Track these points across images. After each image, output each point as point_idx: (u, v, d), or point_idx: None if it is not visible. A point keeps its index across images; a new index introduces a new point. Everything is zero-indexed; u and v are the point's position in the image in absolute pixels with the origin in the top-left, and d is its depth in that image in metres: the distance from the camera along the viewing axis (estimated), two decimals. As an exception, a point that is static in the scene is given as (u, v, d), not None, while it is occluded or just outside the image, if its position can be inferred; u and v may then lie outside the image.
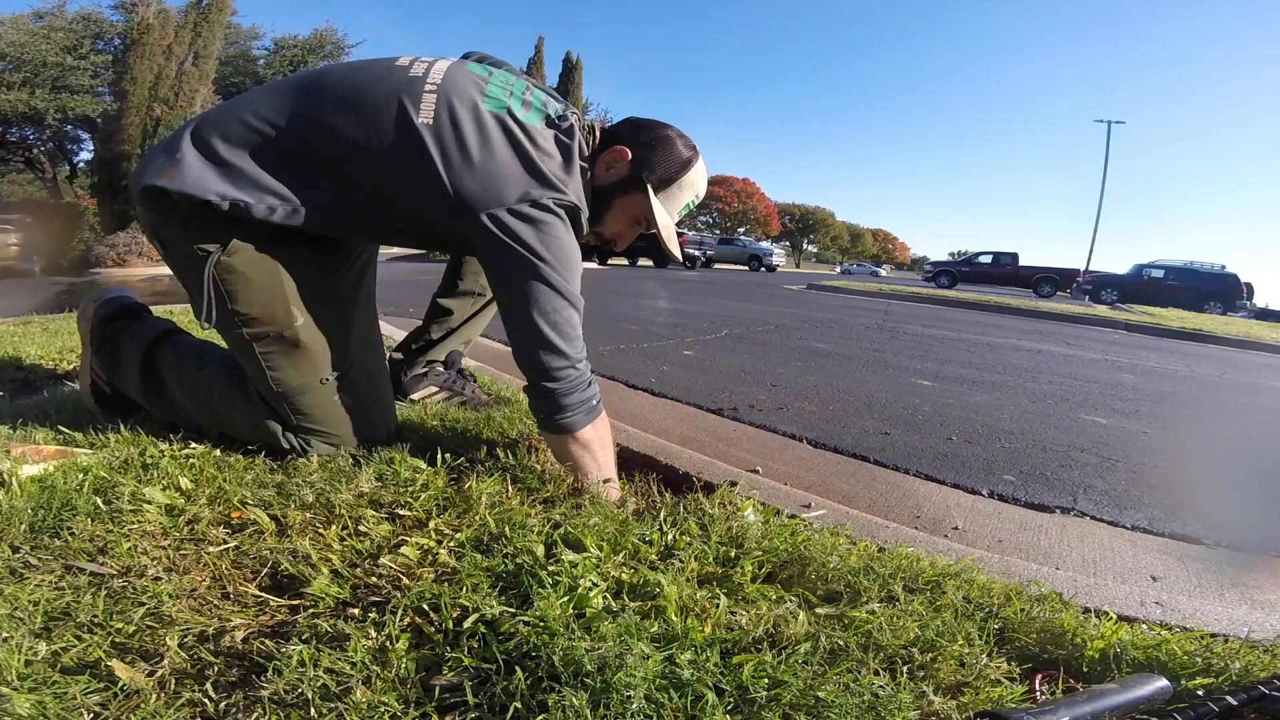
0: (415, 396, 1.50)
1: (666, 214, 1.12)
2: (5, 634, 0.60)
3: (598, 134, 1.12)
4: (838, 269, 49.05)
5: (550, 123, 1.05)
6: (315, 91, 1.01)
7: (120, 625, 0.63)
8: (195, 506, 0.87)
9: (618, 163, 1.09)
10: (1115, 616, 0.81)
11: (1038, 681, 0.66)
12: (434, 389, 1.52)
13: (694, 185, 1.13)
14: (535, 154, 0.99)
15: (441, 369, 1.54)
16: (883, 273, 47.57)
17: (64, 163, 21.12)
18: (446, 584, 0.71)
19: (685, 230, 19.76)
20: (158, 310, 1.44)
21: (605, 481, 1.03)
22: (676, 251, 1.19)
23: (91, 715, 0.53)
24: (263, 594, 0.71)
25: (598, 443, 1.04)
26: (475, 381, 1.60)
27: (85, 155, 19.84)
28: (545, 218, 0.98)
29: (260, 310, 1.04)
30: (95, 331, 1.25)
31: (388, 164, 0.98)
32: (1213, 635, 0.79)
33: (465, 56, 1.16)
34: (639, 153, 1.09)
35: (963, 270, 20.10)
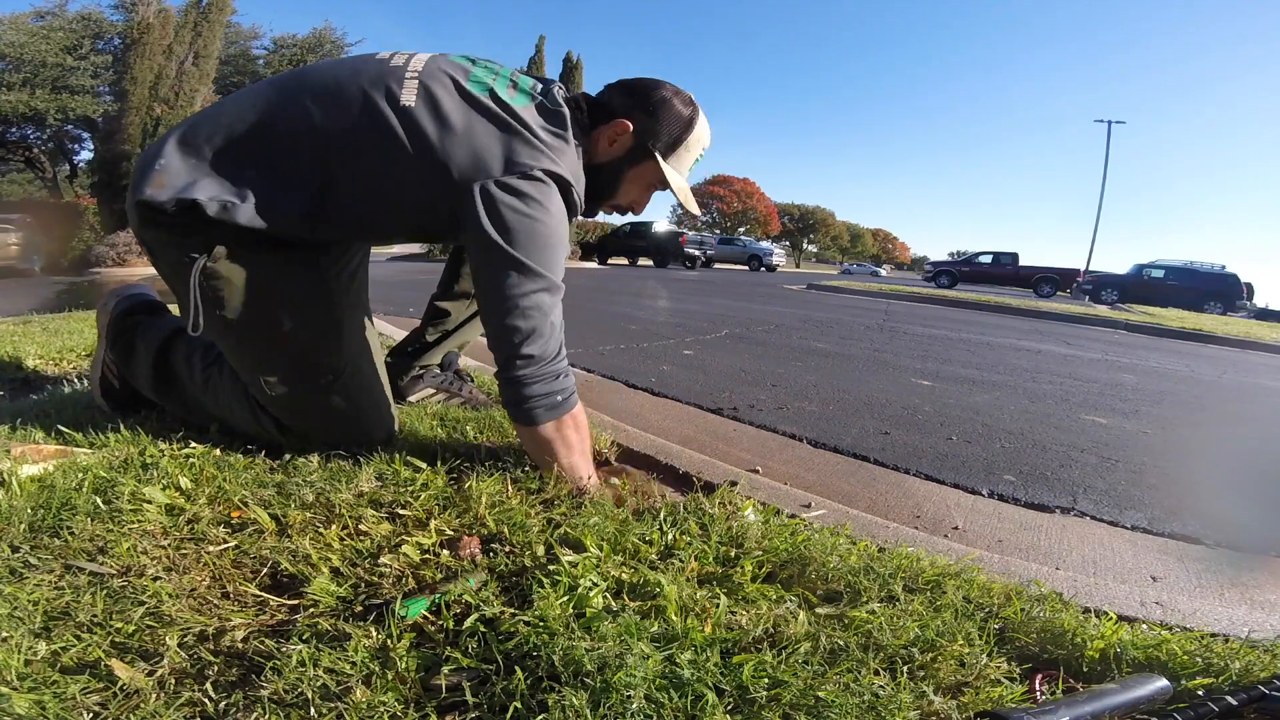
0: (412, 399, 1.50)
1: (679, 175, 1.15)
2: (5, 634, 0.60)
3: (585, 108, 1.11)
4: (838, 269, 49.05)
5: (542, 108, 1.04)
6: (295, 87, 1.01)
7: (120, 625, 0.63)
8: (195, 506, 0.87)
9: (620, 136, 1.10)
10: (1115, 616, 0.81)
11: (1038, 681, 0.66)
12: (430, 391, 1.52)
13: (700, 141, 1.15)
14: (522, 128, 0.99)
15: (438, 370, 1.54)
16: (883, 272, 47.55)
17: (64, 162, 21.10)
18: (446, 583, 0.71)
19: (685, 230, 19.96)
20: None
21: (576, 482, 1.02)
22: (693, 207, 1.21)
23: (91, 715, 0.53)
24: (263, 594, 0.71)
25: (561, 442, 1.02)
26: (473, 381, 1.60)
27: (85, 155, 19.84)
28: (533, 189, 0.97)
29: (248, 316, 1.02)
30: (112, 325, 1.27)
31: (373, 148, 0.97)
32: (1213, 635, 0.79)
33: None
34: (640, 123, 1.10)
35: (963, 270, 20.09)
